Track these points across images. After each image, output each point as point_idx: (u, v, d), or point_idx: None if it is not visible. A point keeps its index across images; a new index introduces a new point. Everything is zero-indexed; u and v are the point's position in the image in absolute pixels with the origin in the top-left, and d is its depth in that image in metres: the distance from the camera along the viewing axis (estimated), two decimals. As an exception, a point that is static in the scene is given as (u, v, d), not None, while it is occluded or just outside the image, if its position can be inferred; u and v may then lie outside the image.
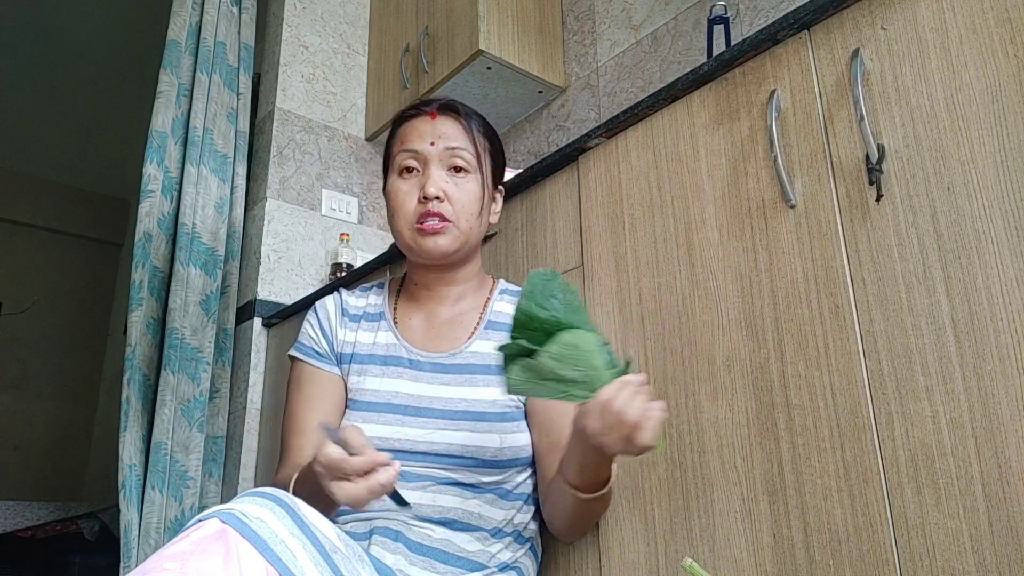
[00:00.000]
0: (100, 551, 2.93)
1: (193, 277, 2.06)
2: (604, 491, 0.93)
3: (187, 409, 1.98)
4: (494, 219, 1.15)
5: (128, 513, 1.87)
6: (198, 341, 2.04)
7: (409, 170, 1.07)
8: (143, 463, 1.93)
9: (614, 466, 0.95)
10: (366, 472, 0.78)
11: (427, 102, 1.11)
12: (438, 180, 1.05)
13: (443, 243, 1.05)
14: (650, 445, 0.79)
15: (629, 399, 0.78)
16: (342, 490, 0.78)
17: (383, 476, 0.78)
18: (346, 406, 1.07)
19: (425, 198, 1.04)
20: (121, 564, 1.86)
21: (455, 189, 1.06)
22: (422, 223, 1.04)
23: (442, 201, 1.04)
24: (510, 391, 0.84)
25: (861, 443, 0.81)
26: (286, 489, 0.94)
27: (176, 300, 2.02)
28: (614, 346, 0.79)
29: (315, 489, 0.86)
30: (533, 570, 1.05)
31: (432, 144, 1.06)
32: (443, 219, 1.04)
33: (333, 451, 0.78)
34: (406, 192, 1.06)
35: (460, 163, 1.07)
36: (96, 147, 4.34)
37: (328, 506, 0.86)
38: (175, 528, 1.88)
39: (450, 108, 1.10)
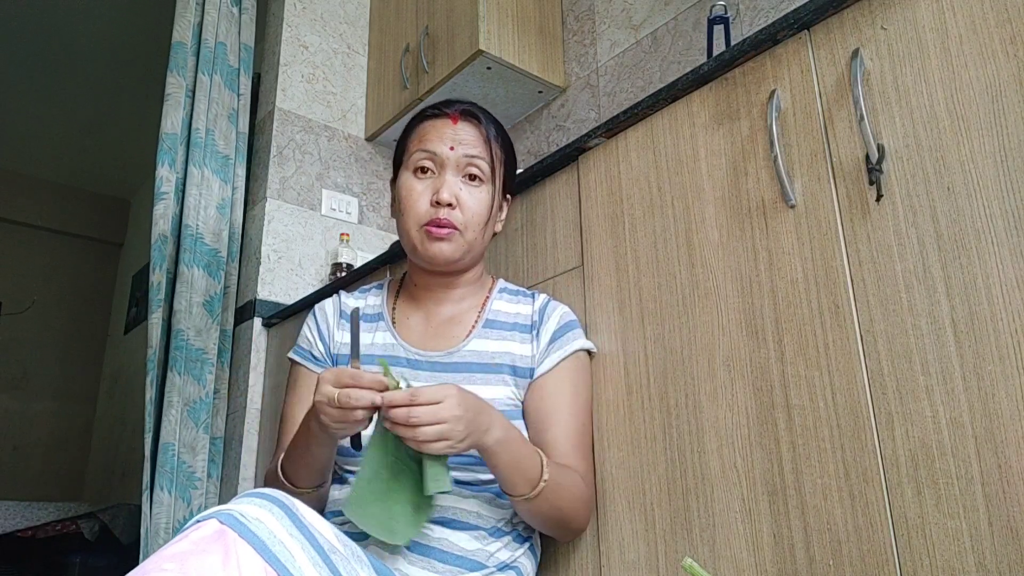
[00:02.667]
0: (100, 551, 2.93)
1: (197, 278, 2.06)
2: (543, 484, 0.93)
3: (193, 410, 1.98)
4: (499, 227, 1.15)
5: (148, 516, 1.88)
6: (202, 342, 2.04)
7: (424, 170, 1.07)
8: (152, 463, 1.94)
9: (543, 461, 0.95)
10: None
11: (448, 103, 1.11)
12: (452, 186, 1.05)
13: (447, 250, 1.05)
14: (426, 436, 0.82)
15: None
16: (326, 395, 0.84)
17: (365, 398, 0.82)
18: None
19: (438, 203, 1.04)
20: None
21: (467, 197, 1.06)
22: (431, 226, 1.04)
23: (453, 208, 1.05)
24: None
25: (861, 443, 0.81)
26: (275, 473, 0.99)
27: (181, 302, 2.02)
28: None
29: (304, 455, 0.94)
30: (532, 570, 1.05)
31: (451, 149, 1.06)
32: (452, 227, 1.04)
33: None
34: (420, 192, 1.06)
35: (475, 172, 1.07)
36: (96, 147, 4.34)
37: (314, 463, 0.94)
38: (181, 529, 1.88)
39: (471, 114, 1.10)
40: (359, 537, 0.96)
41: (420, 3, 2.33)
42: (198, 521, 0.68)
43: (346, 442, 0.95)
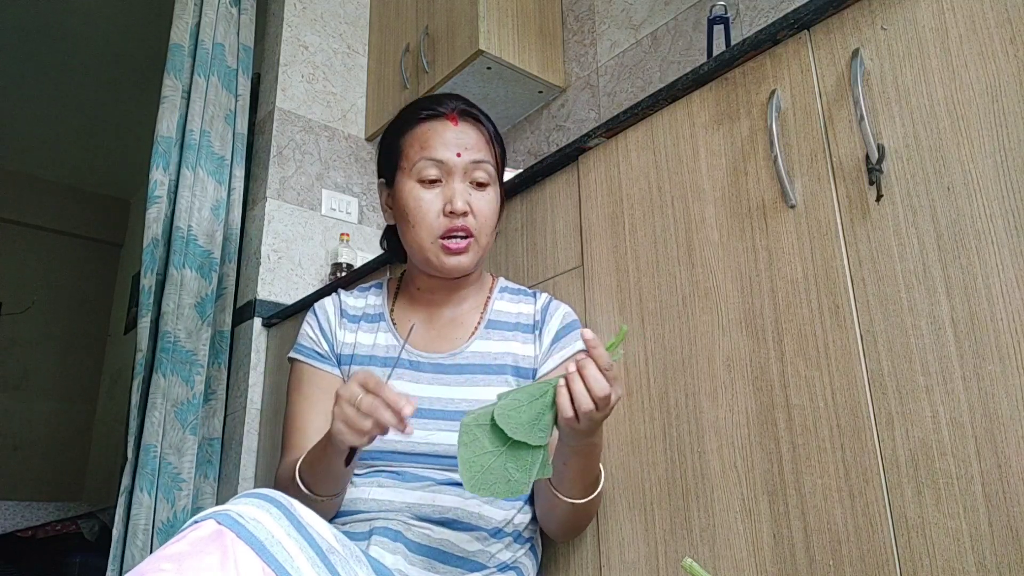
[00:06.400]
0: (100, 551, 2.93)
1: (188, 280, 2.05)
2: (596, 493, 0.95)
3: (180, 412, 1.97)
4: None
5: (120, 518, 1.87)
6: (193, 344, 2.03)
7: (431, 179, 1.04)
8: (135, 465, 1.93)
9: (602, 467, 0.96)
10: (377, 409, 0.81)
11: (439, 100, 1.08)
12: (463, 193, 1.03)
13: (466, 261, 1.04)
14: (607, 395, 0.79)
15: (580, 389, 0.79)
16: (344, 414, 0.82)
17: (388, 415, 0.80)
18: None
19: (452, 212, 1.02)
20: (109, 567, 1.84)
21: (478, 202, 1.04)
22: (447, 240, 1.03)
23: (467, 215, 1.03)
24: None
25: (861, 443, 0.81)
26: (292, 475, 0.96)
27: (169, 303, 2.01)
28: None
29: (321, 459, 0.91)
30: (533, 570, 1.05)
31: (458, 155, 1.03)
32: (468, 234, 1.03)
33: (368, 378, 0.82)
34: (429, 202, 1.03)
35: (483, 178, 1.05)
36: (96, 147, 4.34)
37: (330, 469, 0.90)
38: (167, 530, 1.87)
39: (470, 114, 1.08)
40: (360, 538, 0.96)
41: (420, 3, 2.33)
42: (196, 522, 0.68)
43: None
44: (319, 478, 0.93)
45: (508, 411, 0.80)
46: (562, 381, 0.80)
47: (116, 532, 1.86)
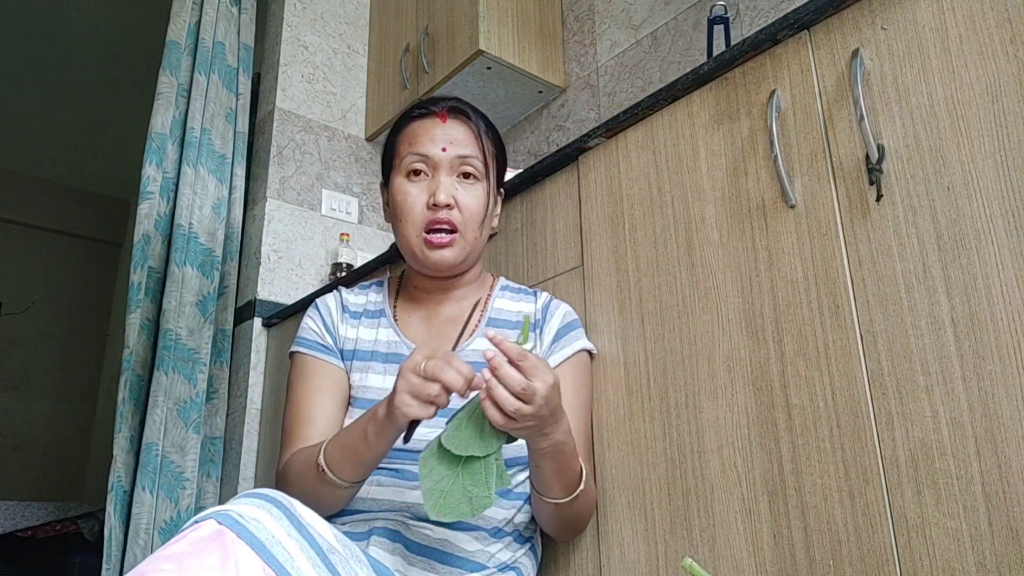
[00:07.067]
0: (100, 551, 2.93)
1: (190, 278, 2.05)
2: (578, 492, 0.94)
3: (183, 410, 1.97)
4: (495, 223, 1.14)
5: (113, 516, 1.86)
6: (195, 342, 2.03)
7: (417, 173, 1.05)
8: (134, 464, 1.93)
9: (583, 472, 0.96)
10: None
11: (434, 100, 1.09)
12: (448, 187, 1.04)
13: (450, 256, 1.04)
14: (533, 387, 0.78)
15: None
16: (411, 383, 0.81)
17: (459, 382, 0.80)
18: (348, 402, 1.07)
19: (435, 205, 1.03)
20: (104, 566, 1.84)
21: (464, 196, 1.05)
22: (430, 234, 1.03)
23: (452, 208, 1.03)
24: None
25: (861, 443, 0.81)
26: (313, 461, 0.93)
27: (171, 301, 2.01)
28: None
29: (360, 441, 0.88)
30: (533, 570, 1.05)
31: (443, 150, 1.04)
32: (452, 228, 1.03)
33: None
34: (415, 196, 1.04)
35: (470, 171, 1.06)
36: (96, 147, 4.34)
37: (368, 452, 0.88)
38: (170, 529, 1.87)
39: (460, 111, 1.08)
40: (360, 537, 0.96)
41: (420, 3, 2.33)
42: (196, 522, 0.68)
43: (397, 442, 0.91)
44: (351, 462, 0.90)
45: (451, 432, 0.82)
46: (483, 394, 0.80)
47: (107, 530, 1.85)
